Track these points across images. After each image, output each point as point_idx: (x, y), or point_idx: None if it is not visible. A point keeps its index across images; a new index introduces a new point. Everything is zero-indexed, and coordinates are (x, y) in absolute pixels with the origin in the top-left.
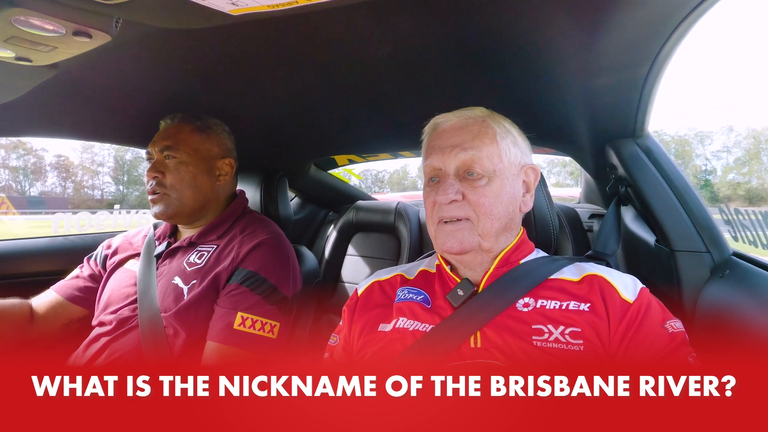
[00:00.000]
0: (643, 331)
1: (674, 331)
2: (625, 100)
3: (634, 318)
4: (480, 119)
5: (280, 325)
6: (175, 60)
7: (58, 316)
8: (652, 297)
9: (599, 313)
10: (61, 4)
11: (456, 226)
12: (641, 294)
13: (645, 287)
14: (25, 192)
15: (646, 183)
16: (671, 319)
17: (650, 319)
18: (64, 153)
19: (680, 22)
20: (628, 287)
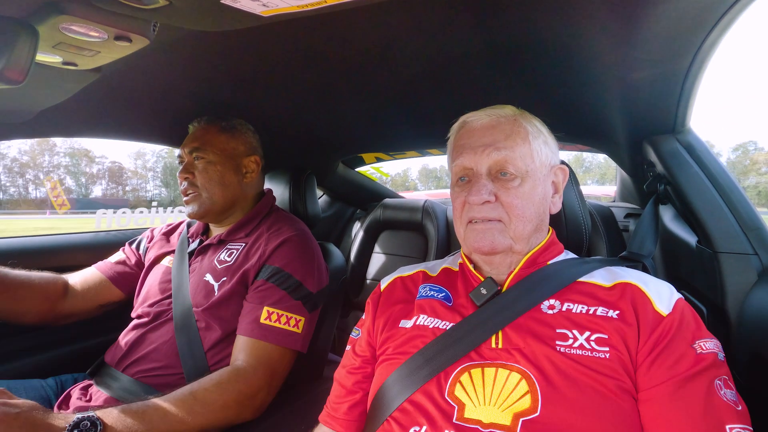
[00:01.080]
0: (670, 347)
1: (703, 352)
2: (666, 94)
3: (666, 332)
4: (512, 118)
5: (305, 319)
6: (208, 61)
7: (98, 295)
8: (688, 309)
9: (629, 321)
10: (104, 11)
11: (487, 225)
12: (677, 306)
13: (681, 297)
14: (89, 194)
15: (687, 181)
16: (703, 338)
17: (681, 335)
18: (118, 159)
19: (726, 11)
20: (663, 298)
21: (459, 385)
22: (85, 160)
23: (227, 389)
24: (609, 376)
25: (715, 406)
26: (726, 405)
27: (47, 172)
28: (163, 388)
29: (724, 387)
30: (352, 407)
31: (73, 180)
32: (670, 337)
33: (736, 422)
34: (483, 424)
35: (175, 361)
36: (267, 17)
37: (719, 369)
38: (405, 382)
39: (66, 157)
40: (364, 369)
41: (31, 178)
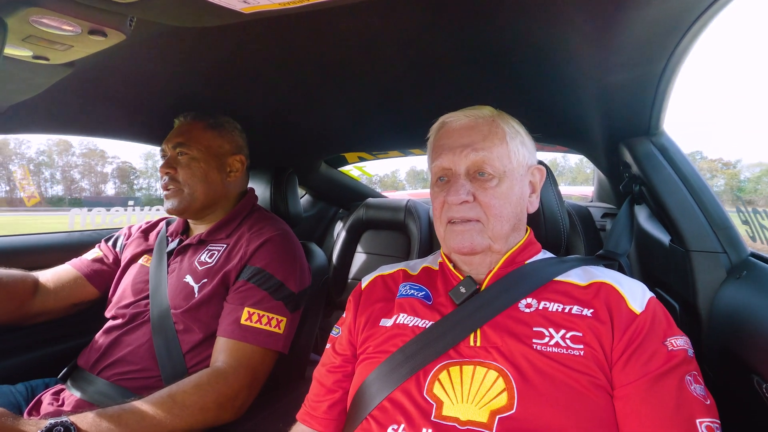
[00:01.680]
0: (644, 345)
1: (674, 349)
2: (640, 97)
3: (640, 330)
4: (489, 119)
5: (286, 320)
6: (188, 58)
7: (73, 293)
8: (660, 307)
9: (603, 319)
10: (77, 4)
11: (466, 226)
12: (649, 304)
13: (653, 296)
14: (101, 192)
15: (661, 181)
16: (674, 335)
17: (653, 333)
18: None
19: (698, 16)
20: (636, 297)
21: (438, 383)
22: (99, 160)
23: (207, 391)
24: (583, 373)
25: (686, 401)
26: (696, 399)
27: (63, 171)
28: (140, 391)
29: (694, 382)
30: (331, 406)
31: (87, 179)
32: (644, 335)
33: (705, 416)
34: (460, 422)
35: (152, 364)
36: (248, 14)
37: (689, 365)
38: (385, 381)
39: (80, 157)
40: (344, 368)
41: (47, 177)
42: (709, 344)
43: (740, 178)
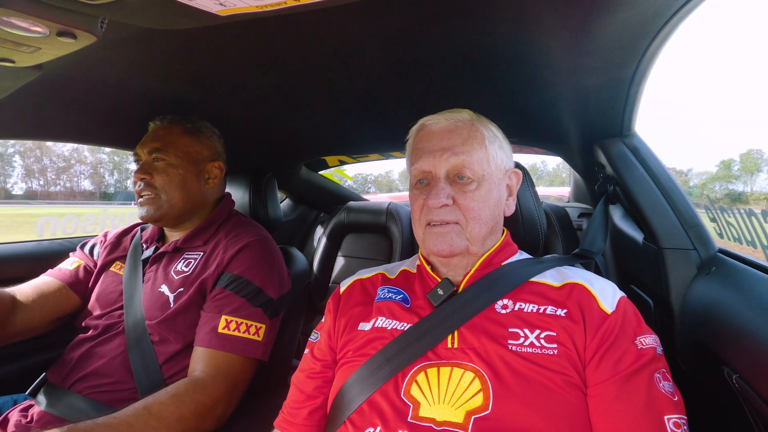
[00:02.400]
0: (615, 344)
1: (643, 347)
2: (613, 100)
3: (611, 330)
4: (469, 123)
5: (265, 327)
6: (162, 61)
7: (58, 306)
8: (630, 306)
9: (576, 319)
10: (45, 4)
11: (445, 228)
12: (619, 304)
13: (624, 296)
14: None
15: (634, 181)
16: (643, 334)
17: (624, 332)
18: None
19: (665, 23)
20: (607, 297)
21: (415, 384)
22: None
23: (184, 401)
24: (557, 372)
25: (655, 399)
26: (664, 396)
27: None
28: (114, 403)
29: (662, 380)
30: (312, 412)
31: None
32: (615, 335)
33: (673, 413)
34: (436, 423)
35: (126, 376)
36: (224, 17)
37: (658, 363)
38: (363, 384)
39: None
40: (324, 374)
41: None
42: (682, 339)
43: (690, 185)
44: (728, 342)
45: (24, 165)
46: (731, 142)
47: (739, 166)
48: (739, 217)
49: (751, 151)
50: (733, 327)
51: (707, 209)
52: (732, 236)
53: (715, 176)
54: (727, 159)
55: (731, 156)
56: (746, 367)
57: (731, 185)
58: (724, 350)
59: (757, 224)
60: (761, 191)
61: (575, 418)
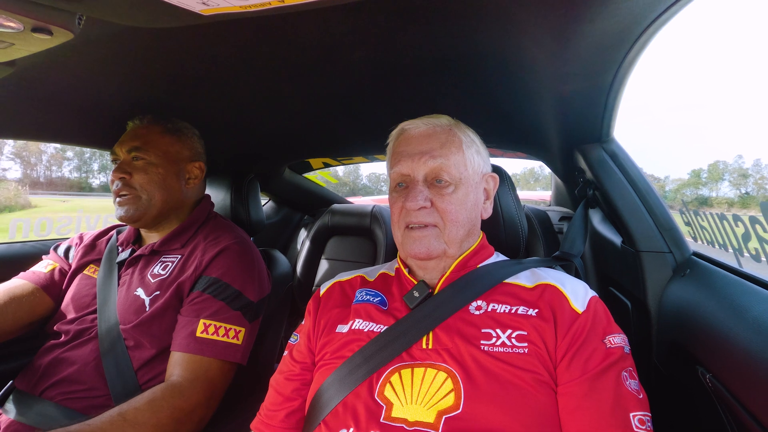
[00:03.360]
0: (585, 343)
1: (612, 346)
2: (592, 106)
3: (581, 329)
4: (447, 128)
5: (245, 330)
6: (142, 59)
7: (33, 310)
8: (600, 306)
9: (546, 318)
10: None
11: (423, 232)
12: (590, 303)
13: (595, 295)
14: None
15: (613, 186)
16: (612, 333)
17: (594, 331)
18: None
19: (642, 32)
20: (578, 297)
21: (389, 385)
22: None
23: (161, 407)
24: (527, 370)
25: (622, 397)
26: (630, 394)
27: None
28: (88, 410)
29: (629, 378)
30: (289, 415)
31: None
32: (585, 334)
33: (638, 410)
34: (408, 423)
35: (100, 383)
36: (207, 16)
37: (625, 361)
38: (339, 386)
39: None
40: (303, 376)
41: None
42: (659, 339)
43: (666, 189)
44: (702, 342)
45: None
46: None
47: (706, 175)
48: (712, 220)
49: (717, 162)
50: (706, 328)
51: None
52: (705, 239)
53: (686, 182)
54: (697, 168)
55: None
56: (719, 366)
57: (699, 191)
58: (698, 350)
59: (729, 228)
60: (724, 196)
61: (544, 416)
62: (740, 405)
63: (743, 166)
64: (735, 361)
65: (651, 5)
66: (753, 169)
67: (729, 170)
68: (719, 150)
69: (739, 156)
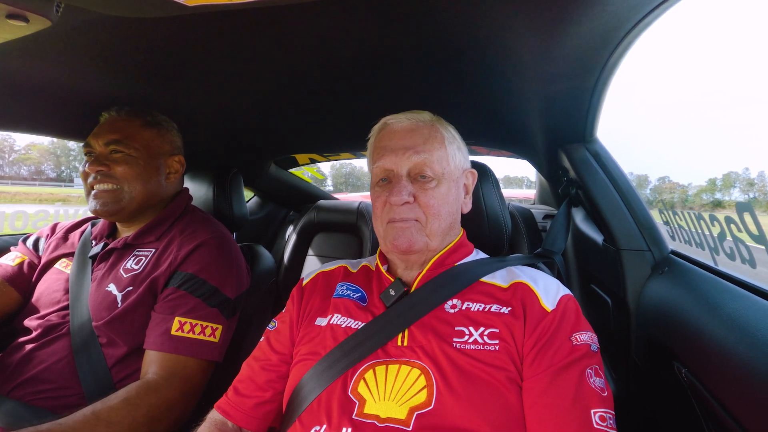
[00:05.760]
0: (551, 340)
1: (578, 343)
2: (577, 106)
3: (549, 326)
4: (429, 123)
5: (222, 327)
6: (123, 51)
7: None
8: (571, 304)
9: (517, 315)
10: None
11: (406, 224)
12: (560, 302)
13: (566, 294)
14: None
15: (595, 185)
16: (579, 330)
17: (561, 329)
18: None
19: (625, 35)
20: (549, 295)
21: (363, 382)
22: None
23: (136, 405)
24: (498, 368)
25: (584, 393)
26: (593, 391)
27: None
28: (60, 410)
29: (594, 375)
30: (259, 405)
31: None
32: (552, 332)
33: (600, 407)
34: (380, 419)
35: (72, 381)
36: (192, 7)
37: (591, 359)
38: (316, 382)
39: None
40: (279, 368)
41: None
42: (638, 335)
43: (688, 194)
44: (678, 338)
45: None
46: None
47: (721, 183)
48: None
49: (730, 173)
50: (683, 324)
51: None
52: (683, 239)
53: (703, 189)
54: (712, 177)
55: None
56: (694, 361)
57: (714, 196)
58: (675, 346)
59: (705, 228)
60: (733, 199)
61: (513, 415)
62: (713, 399)
63: (750, 176)
64: (709, 356)
65: (634, 8)
66: (758, 179)
67: (739, 179)
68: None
69: (746, 168)
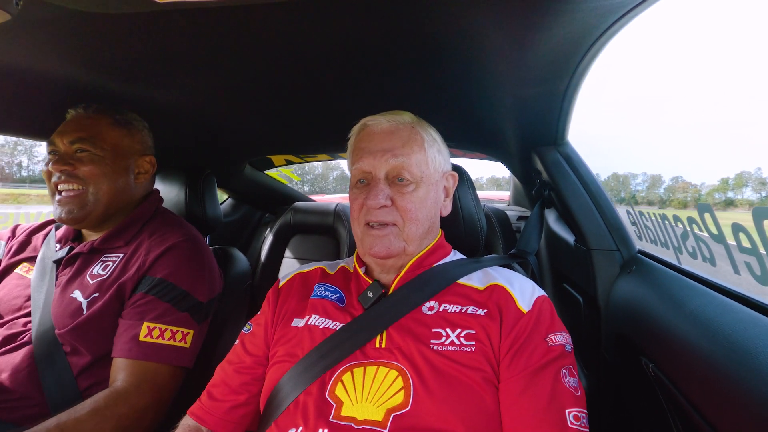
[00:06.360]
0: (527, 342)
1: (553, 344)
2: (548, 110)
3: (525, 328)
4: (409, 125)
5: (193, 332)
6: (89, 46)
7: None
8: (546, 305)
9: (494, 316)
10: None
11: (383, 231)
12: (536, 303)
13: (542, 295)
14: None
15: (567, 187)
16: (554, 331)
17: (537, 330)
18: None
19: (594, 41)
20: (525, 297)
21: (340, 384)
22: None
23: (105, 416)
24: (475, 369)
25: (559, 393)
26: (568, 391)
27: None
28: (22, 422)
29: (568, 375)
30: (233, 408)
31: None
32: (528, 333)
33: (573, 406)
34: (357, 421)
35: (34, 391)
36: (163, 4)
37: (566, 359)
38: (294, 384)
39: None
40: (254, 370)
41: None
42: (607, 332)
43: (701, 193)
44: (645, 334)
45: None
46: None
47: (733, 182)
48: (655, 220)
49: (742, 172)
50: (649, 321)
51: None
52: (649, 238)
53: (716, 188)
54: (725, 177)
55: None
56: (660, 356)
57: (726, 195)
58: (642, 342)
59: (669, 228)
60: (745, 198)
61: (488, 414)
62: (678, 392)
63: (762, 176)
64: (674, 351)
65: (602, 17)
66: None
67: (752, 179)
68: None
69: (758, 168)
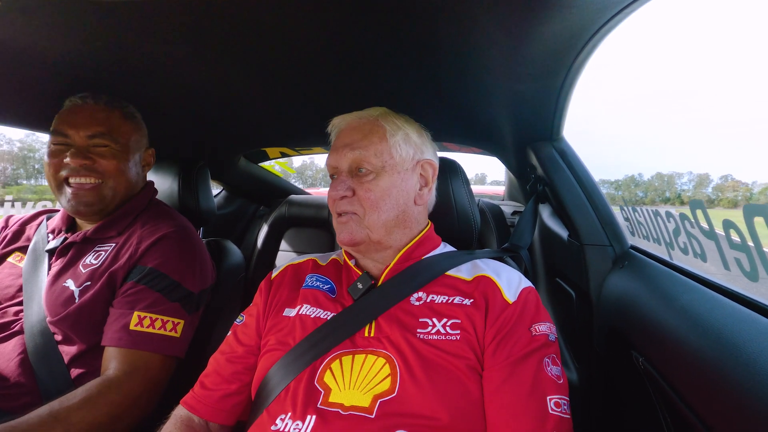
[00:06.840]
0: (512, 332)
1: (537, 334)
2: (544, 105)
3: (510, 318)
4: (373, 119)
5: (184, 322)
6: (80, 33)
7: None
8: (532, 296)
9: (479, 306)
10: None
11: (344, 218)
12: (521, 294)
13: (528, 286)
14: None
15: (561, 182)
16: (539, 321)
17: (521, 321)
18: None
19: (590, 37)
20: (511, 287)
21: (329, 371)
22: None
23: (97, 404)
24: (460, 357)
25: (541, 381)
26: (550, 379)
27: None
28: (15, 410)
29: (551, 364)
30: (225, 397)
31: None
32: (513, 323)
33: (555, 393)
34: (344, 407)
35: (27, 379)
36: None
37: (549, 348)
38: (285, 372)
39: None
40: (246, 360)
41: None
42: (599, 326)
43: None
44: (636, 329)
45: None
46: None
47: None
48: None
49: None
50: (640, 315)
51: (621, 209)
52: (641, 234)
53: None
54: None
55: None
56: (650, 350)
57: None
58: (633, 336)
59: (662, 224)
60: None
61: (472, 400)
62: (668, 385)
63: None
64: (664, 345)
65: (599, 12)
66: None
67: None
68: None
69: None
